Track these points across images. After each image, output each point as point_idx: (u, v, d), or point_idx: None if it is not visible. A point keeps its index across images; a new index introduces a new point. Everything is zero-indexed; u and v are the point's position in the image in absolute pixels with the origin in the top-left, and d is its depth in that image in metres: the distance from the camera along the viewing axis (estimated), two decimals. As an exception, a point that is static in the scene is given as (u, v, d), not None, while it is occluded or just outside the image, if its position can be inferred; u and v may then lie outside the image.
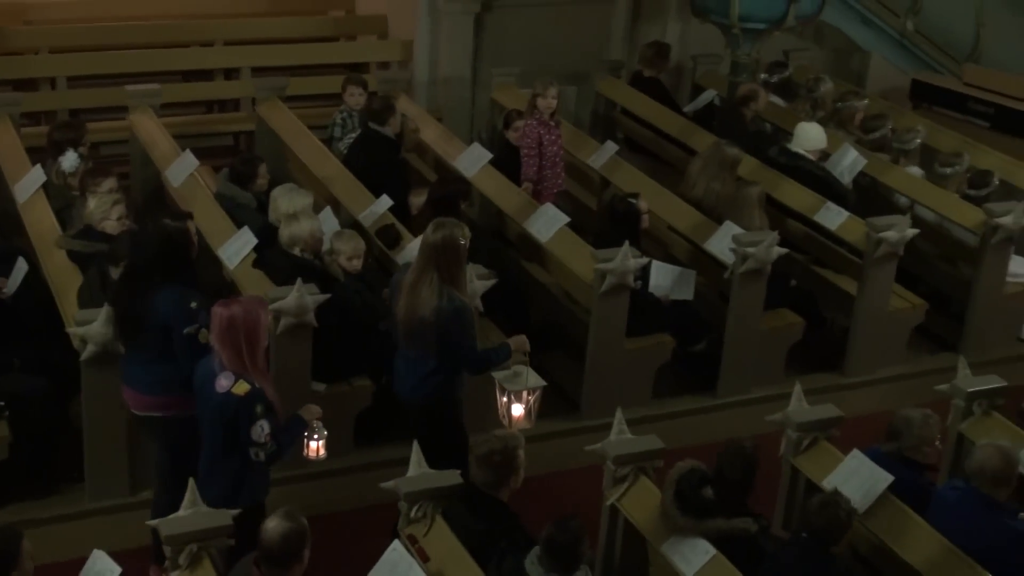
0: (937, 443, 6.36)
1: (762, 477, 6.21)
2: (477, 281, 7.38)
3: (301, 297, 7.03)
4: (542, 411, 6.85)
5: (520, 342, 6.73)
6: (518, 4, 11.31)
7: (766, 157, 9.65)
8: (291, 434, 5.99)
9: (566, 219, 8.45)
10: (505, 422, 6.53)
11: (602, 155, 9.78)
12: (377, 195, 8.58)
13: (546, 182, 9.50)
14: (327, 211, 8.46)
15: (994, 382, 6.91)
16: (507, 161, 9.49)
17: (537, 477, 7.29)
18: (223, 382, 5.76)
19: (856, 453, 6.27)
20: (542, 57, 11.27)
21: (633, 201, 8.38)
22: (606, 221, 8.60)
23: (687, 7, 10.95)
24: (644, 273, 8.00)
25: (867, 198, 9.54)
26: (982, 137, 10.90)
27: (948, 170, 9.50)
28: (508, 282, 8.06)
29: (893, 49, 12.18)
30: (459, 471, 5.90)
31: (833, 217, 8.86)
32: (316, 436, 6.07)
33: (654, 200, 8.72)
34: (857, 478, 6.14)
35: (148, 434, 6.68)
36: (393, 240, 8.21)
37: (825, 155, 9.62)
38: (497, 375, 6.55)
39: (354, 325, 7.46)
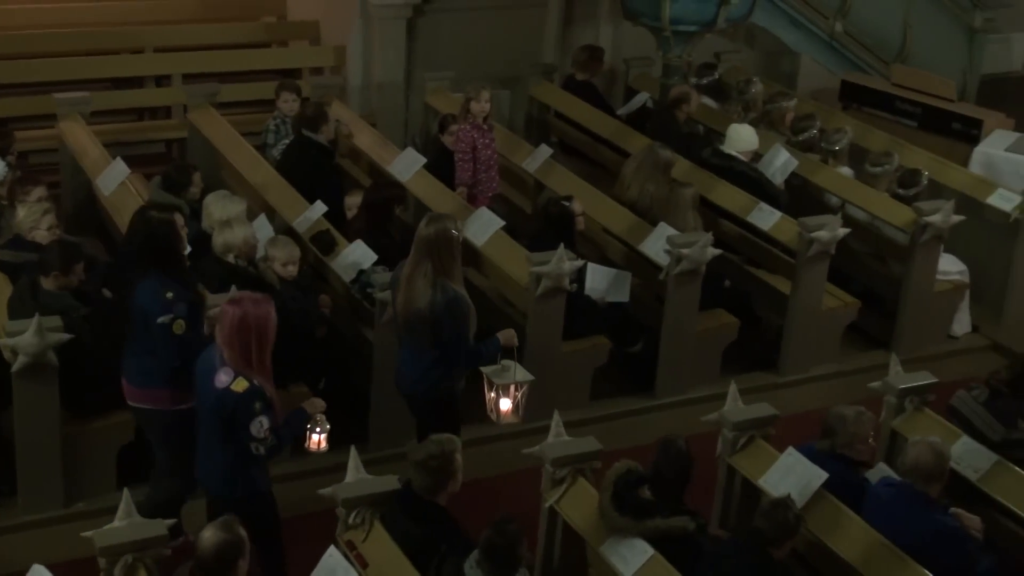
0: (871, 440, 6.43)
1: (699, 476, 6.28)
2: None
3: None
4: (477, 416, 6.91)
5: (508, 336, 6.77)
6: (451, 8, 11.30)
7: (699, 159, 9.73)
8: (292, 428, 6.05)
9: (501, 223, 8.47)
10: (493, 416, 6.62)
11: (536, 158, 9.81)
12: (311, 201, 8.55)
13: (481, 186, 9.51)
14: (262, 218, 8.42)
15: (925, 378, 7.00)
16: (442, 165, 9.49)
17: (476, 480, 7.30)
18: (222, 377, 5.78)
19: (791, 451, 6.33)
20: (475, 61, 11.27)
21: (567, 204, 8.41)
22: (541, 224, 8.63)
23: (619, 11, 10.99)
24: (580, 275, 8.02)
25: (799, 198, 9.64)
26: (910, 137, 11.03)
27: (878, 170, 9.61)
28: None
29: (822, 50, 12.28)
30: (396, 479, 5.89)
31: (766, 217, 8.95)
32: (318, 429, 6.12)
33: (589, 203, 8.76)
34: (793, 476, 6.20)
35: (146, 428, 6.71)
36: (328, 246, 8.19)
37: (757, 156, 9.71)
38: (485, 370, 6.60)
39: (290, 332, 7.40)
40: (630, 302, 8.40)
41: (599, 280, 8.26)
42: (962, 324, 9.65)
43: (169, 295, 6.29)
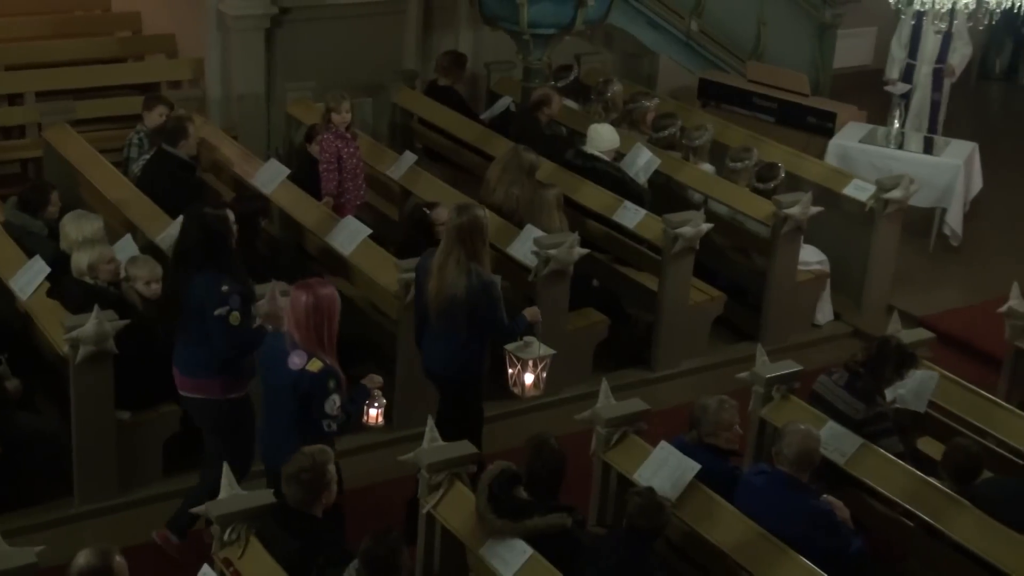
0: (736, 428, 6.52)
1: (576, 474, 6.33)
2: (280, 298, 7.30)
3: (100, 324, 6.91)
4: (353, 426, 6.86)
5: (533, 313, 7.11)
6: (309, 18, 11.23)
7: (563, 160, 9.80)
8: (357, 404, 6.33)
9: (368, 231, 8.43)
10: (517, 390, 6.91)
11: (401, 165, 9.79)
12: (174, 216, 8.41)
13: (347, 195, 9.45)
14: (127, 238, 8.27)
15: (790, 367, 7.14)
16: (309, 175, 9.42)
17: (353, 490, 7.26)
18: (296, 360, 6.07)
19: (664, 444, 6.41)
20: (336, 70, 11.21)
21: (427, 211, 8.40)
22: (408, 231, 8.61)
23: (478, 16, 11.02)
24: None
25: (662, 196, 9.77)
26: (768, 131, 11.26)
27: (738, 165, 9.79)
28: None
29: (679, 50, 12.47)
30: (271, 493, 5.83)
31: (631, 216, 9.06)
32: (376, 404, 6.38)
33: (455, 208, 8.77)
34: (666, 468, 6.28)
35: (197, 417, 6.95)
36: (193, 262, 8.05)
37: (620, 155, 9.82)
38: (508, 346, 6.88)
39: (155, 351, 7.30)
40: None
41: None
42: (824, 313, 9.87)
43: (225, 288, 6.55)
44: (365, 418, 6.42)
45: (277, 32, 11.15)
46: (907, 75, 11.90)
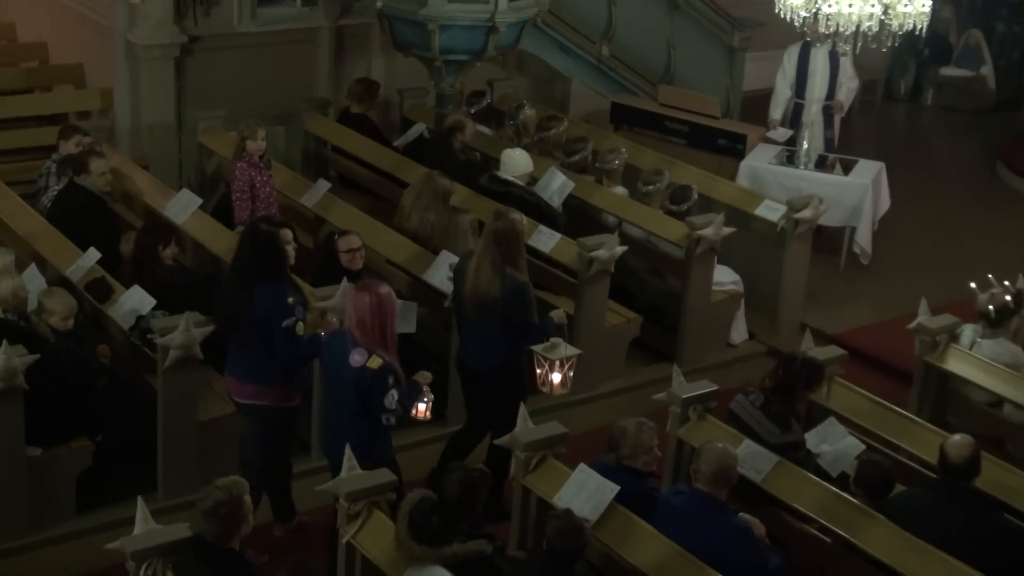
0: (655, 450, 6.56)
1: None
2: (195, 329, 7.26)
3: (9, 360, 6.78)
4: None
5: (560, 315, 7.57)
6: (219, 47, 11.16)
7: (477, 185, 9.81)
8: (412, 398, 6.63)
9: (283, 260, 8.37)
10: (545, 389, 7.32)
11: (315, 193, 9.75)
12: (84, 248, 8.31)
13: (261, 224, 9.39)
14: (32, 268, 8.14)
15: (706, 387, 7.20)
16: (222, 205, 9.38)
17: (271, 523, 7.22)
18: (357, 357, 6.40)
19: (583, 467, 6.42)
20: (248, 98, 11.15)
21: (336, 237, 8.37)
22: (323, 259, 8.57)
23: (390, 43, 11.03)
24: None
25: (577, 219, 9.82)
26: (680, 154, 11.37)
27: (650, 187, 9.86)
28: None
29: (591, 74, 12.57)
30: (187, 527, 5.75)
31: (546, 240, 9.10)
32: (425, 399, 6.69)
33: (369, 235, 8.75)
34: (585, 491, 6.29)
35: (248, 421, 7.19)
36: (104, 293, 7.97)
37: (534, 179, 9.86)
38: (535, 348, 7.27)
39: (68, 385, 7.20)
40: (418, 331, 8.39)
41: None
42: (739, 332, 9.97)
43: (290, 300, 6.85)
44: (414, 412, 6.71)
45: (187, 61, 11.06)
46: (796, 114, 11.87)
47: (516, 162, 9.77)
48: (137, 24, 10.82)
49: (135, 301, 7.76)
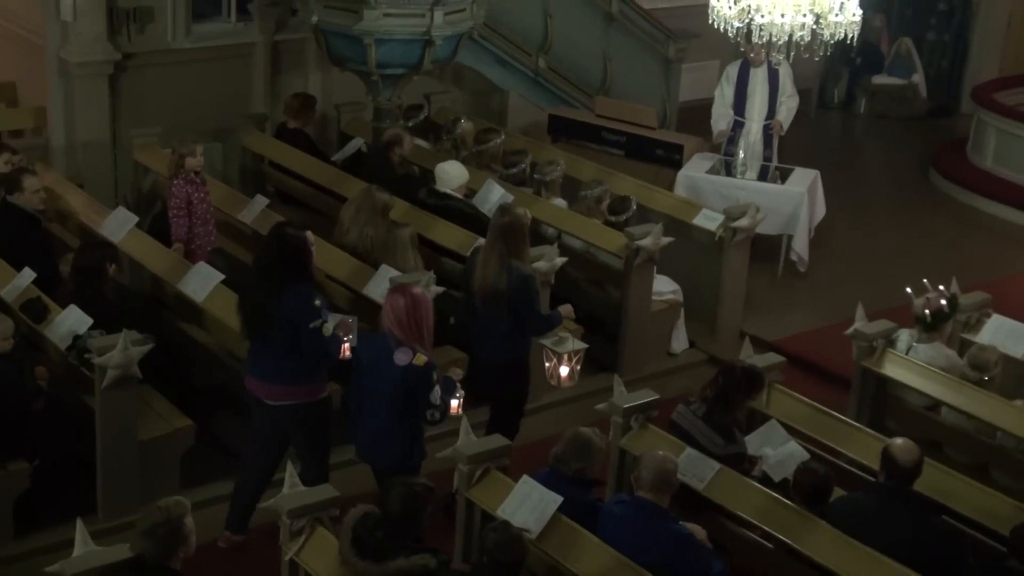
0: (600, 459, 6.57)
1: (442, 512, 6.31)
2: (133, 348, 7.19)
3: None
4: (212, 477, 7.30)
5: (568, 310, 8.09)
6: (154, 63, 11.09)
7: (416, 199, 9.81)
8: (449, 394, 6.83)
9: (221, 276, 8.33)
10: (553, 382, 7.67)
11: (253, 209, 9.70)
12: (19, 268, 8.22)
13: (199, 240, 9.35)
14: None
15: (647, 396, 7.23)
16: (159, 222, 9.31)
17: (214, 542, 7.17)
18: (402, 356, 6.65)
19: (526, 479, 6.43)
20: (184, 114, 11.09)
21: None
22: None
23: (326, 57, 11.00)
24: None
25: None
26: (617, 165, 11.43)
27: (588, 192, 9.91)
28: (166, 346, 7.88)
29: (528, 87, 12.61)
30: (127, 547, 5.70)
31: (485, 253, 9.09)
32: (457, 394, 6.88)
33: (309, 250, 8.71)
34: (529, 503, 6.30)
35: (280, 420, 7.26)
36: (40, 313, 7.89)
37: (471, 191, 9.87)
38: (544, 341, 7.65)
39: (4, 408, 7.10)
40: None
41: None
42: (679, 341, 10.02)
43: (317, 303, 6.97)
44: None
45: (121, 78, 10.98)
46: (735, 132, 11.86)
47: (451, 175, 9.78)
48: (70, 42, 10.72)
49: (72, 321, 7.68)
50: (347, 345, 6.98)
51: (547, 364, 7.60)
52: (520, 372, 7.86)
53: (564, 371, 7.53)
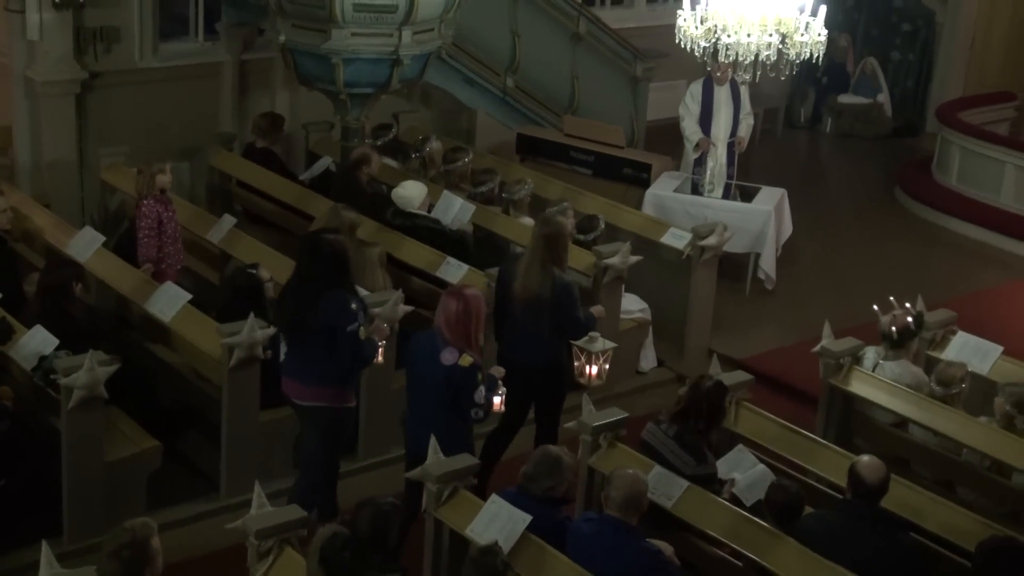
0: (570, 478, 6.56)
1: (413, 532, 6.28)
2: (99, 368, 7.15)
3: None
4: (179, 497, 7.38)
5: (599, 311, 8.38)
6: (120, 83, 11.06)
7: (384, 219, 9.81)
8: (492, 392, 7.06)
9: (188, 296, 8.30)
10: (583, 381, 7.84)
11: (220, 229, 9.67)
12: (-17, 289, 8.17)
13: (168, 260, 9.31)
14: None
15: (616, 414, 7.23)
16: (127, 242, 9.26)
17: (182, 563, 7.11)
18: (448, 356, 6.87)
19: (495, 498, 6.41)
20: (151, 134, 11.08)
21: (253, 272, 8.33)
22: (229, 295, 8.51)
23: (294, 77, 10.99)
24: (274, 343, 7.93)
25: (486, 249, 9.83)
26: (586, 184, 11.48)
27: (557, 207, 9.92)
28: (133, 366, 7.84)
29: (496, 106, 12.63)
30: (94, 570, 5.66)
31: (454, 271, 9.11)
32: (500, 392, 7.14)
33: (276, 269, 8.68)
34: (498, 522, 6.28)
35: (308, 422, 7.43)
36: (5, 334, 7.82)
37: (431, 205, 9.89)
38: (573, 341, 7.80)
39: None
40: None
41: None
42: (648, 359, 10.06)
43: (354, 307, 7.12)
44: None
45: (88, 97, 10.94)
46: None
47: (411, 197, 9.82)
48: (36, 61, 10.68)
49: (37, 341, 7.62)
50: (381, 349, 7.29)
51: (576, 363, 7.80)
52: (560, 374, 8.05)
53: (593, 370, 7.76)
